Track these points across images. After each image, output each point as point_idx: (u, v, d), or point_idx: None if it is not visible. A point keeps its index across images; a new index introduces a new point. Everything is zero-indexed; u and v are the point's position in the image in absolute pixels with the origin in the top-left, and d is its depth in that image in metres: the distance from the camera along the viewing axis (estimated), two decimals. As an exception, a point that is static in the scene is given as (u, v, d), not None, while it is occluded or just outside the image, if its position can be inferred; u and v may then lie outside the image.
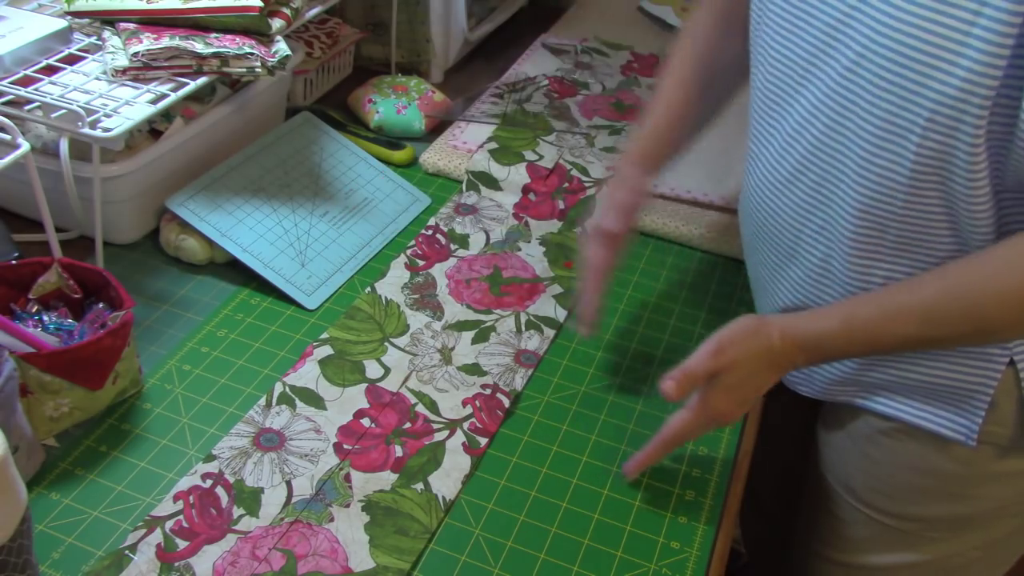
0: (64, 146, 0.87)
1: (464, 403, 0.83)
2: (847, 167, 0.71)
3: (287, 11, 0.99)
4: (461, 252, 1.02)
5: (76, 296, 0.80)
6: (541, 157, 1.14)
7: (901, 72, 0.64)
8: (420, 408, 0.82)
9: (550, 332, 0.93)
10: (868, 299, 0.73)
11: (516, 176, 1.11)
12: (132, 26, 0.91)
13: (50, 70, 0.89)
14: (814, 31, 0.70)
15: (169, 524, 0.70)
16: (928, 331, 0.69)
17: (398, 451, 0.78)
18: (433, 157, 1.15)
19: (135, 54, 0.86)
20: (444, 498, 0.75)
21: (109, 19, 0.93)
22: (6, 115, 0.79)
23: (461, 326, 0.92)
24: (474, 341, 0.90)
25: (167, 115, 0.96)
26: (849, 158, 0.70)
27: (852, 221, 0.73)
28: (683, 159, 0.92)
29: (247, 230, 0.96)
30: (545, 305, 0.96)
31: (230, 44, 0.90)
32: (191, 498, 0.72)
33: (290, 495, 0.73)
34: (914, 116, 0.65)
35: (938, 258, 0.71)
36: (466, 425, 0.81)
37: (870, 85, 0.66)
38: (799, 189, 0.76)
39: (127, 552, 0.68)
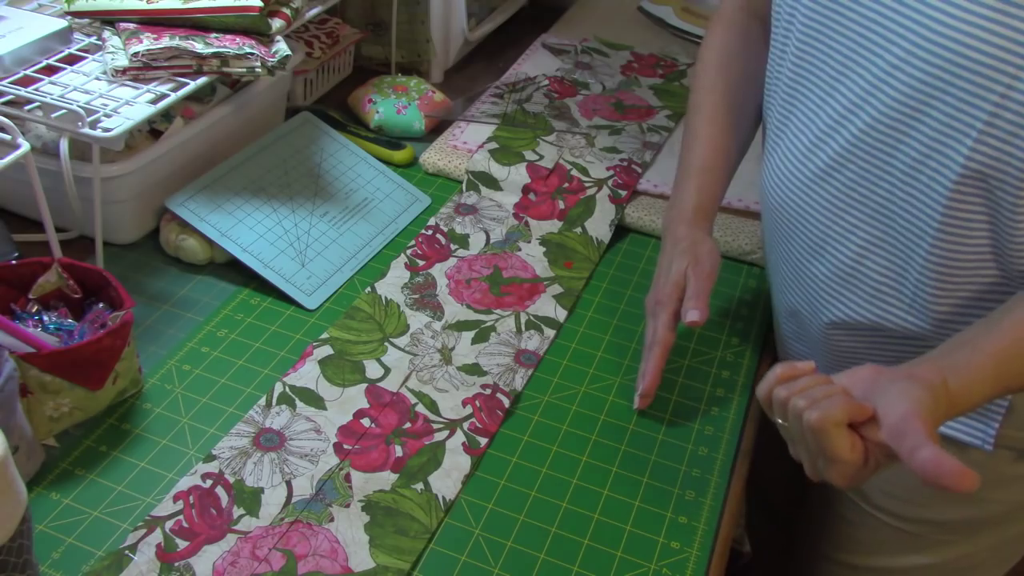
0: (64, 146, 0.87)
1: (464, 403, 0.83)
2: (894, 167, 0.69)
3: (287, 11, 0.99)
4: (461, 252, 1.02)
5: (76, 296, 0.80)
6: (541, 157, 1.14)
7: (959, 73, 0.62)
8: (420, 408, 0.82)
9: (550, 332, 0.93)
10: (1011, 352, 0.63)
11: (516, 176, 1.11)
12: (132, 26, 0.91)
13: (50, 70, 0.89)
14: (851, 26, 0.69)
15: (169, 524, 0.70)
16: None
17: (398, 451, 0.78)
18: (433, 157, 1.15)
19: (135, 54, 0.86)
20: (444, 498, 0.75)
21: (109, 19, 0.93)
22: (6, 115, 0.79)
23: (461, 326, 0.92)
24: (474, 341, 0.90)
25: (167, 115, 0.96)
26: (896, 158, 0.69)
27: (895, 223, 0.71)
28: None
29: (247, 230, 0.96)
30: (545, 305, 0.96)
31: (230, 44, 0.90)
32: (191, 498, 0.72)
33: (290, 495, 0.73)
34: (971, 120, 0.63)
35: (975, 269, 0.70)
36: (466, 425, 0.81)
37: (922, 84, 0.64)
38: (832, 186, 0.74)
39: (127, 552, 0.68)
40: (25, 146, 0.77)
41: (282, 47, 0.95)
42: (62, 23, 0.92)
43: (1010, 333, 0.63)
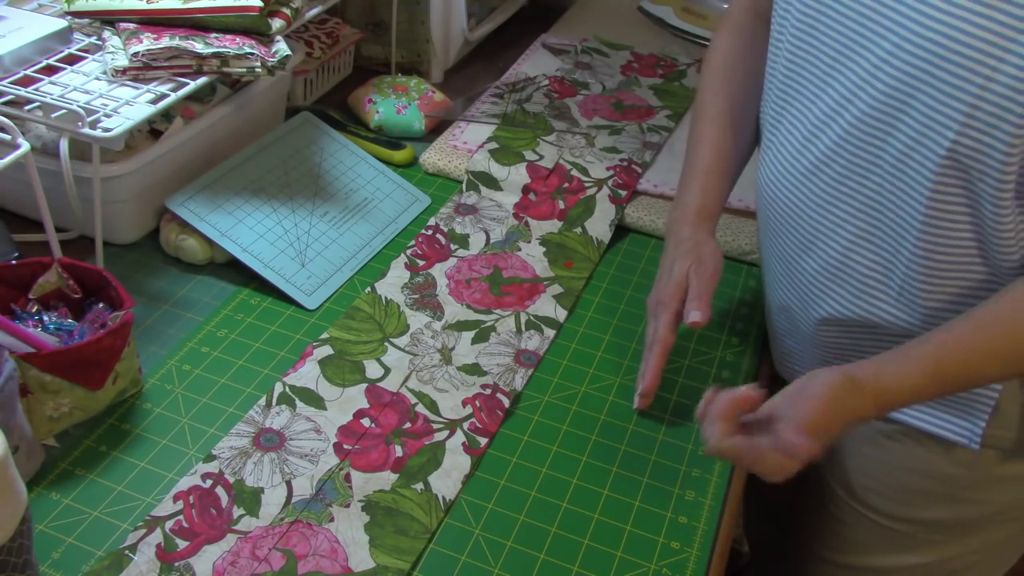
0: (64, 146, 0.87)
1: (464, 403, 0.83)
2: (883, 159, 0.70)
3: (287, 11, 0.99)
4: (461, 252, 1.02)
5: (76, 296, 0.80)
6: (541, 157, 1.14)
7: (942, 66, 0.63)
8: (420, 408, 0.82)
9: (550, 332, 0.93)
10: (951, 345, 0.67)
11: (516, 176, 1.11)
12: (132, 26, 0.91)
13: (50, 70, 0.89)
14: (843, 21, 0.70)
15: (169, 524, 0.70)
16: (1009, 370, 0.68)
17: (398, 451, 0.78)
18: (433, 157, 1.15)
19: (135, 54, 0.86)
20: (444, 498, 0.75)
21: (109, 19, 0.93)
22: (6, 115, 0.79)
23: (461, 326, 0.92)
24: (474, 341, 0.90)
25: (167, 115, 0.96)
26: (885, 151, 0.69)
27: (883, 216, 0.72)
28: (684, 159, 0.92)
29: (247, 230, 0.96)
30: (545, 305, 0.96)
31: (230, 44, 0.90)
32: (191, 498, 0.72)
33: (290, 495, 0.73)
34: (952, 112, 0.64)
35: (961, 264, 0.71)
36: (466, 425, 0.81)
37: (908, 77, 0.65)
38: (822, 180, 0.75)
39: (127, 552, 0.68)
40: (25, 146, 0.77)
41: (282, 47, 0.95)
42: (62, 23, 0.92)
43: (959, 328, 0.67)
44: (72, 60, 0.91)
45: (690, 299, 0.81)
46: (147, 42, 0.87)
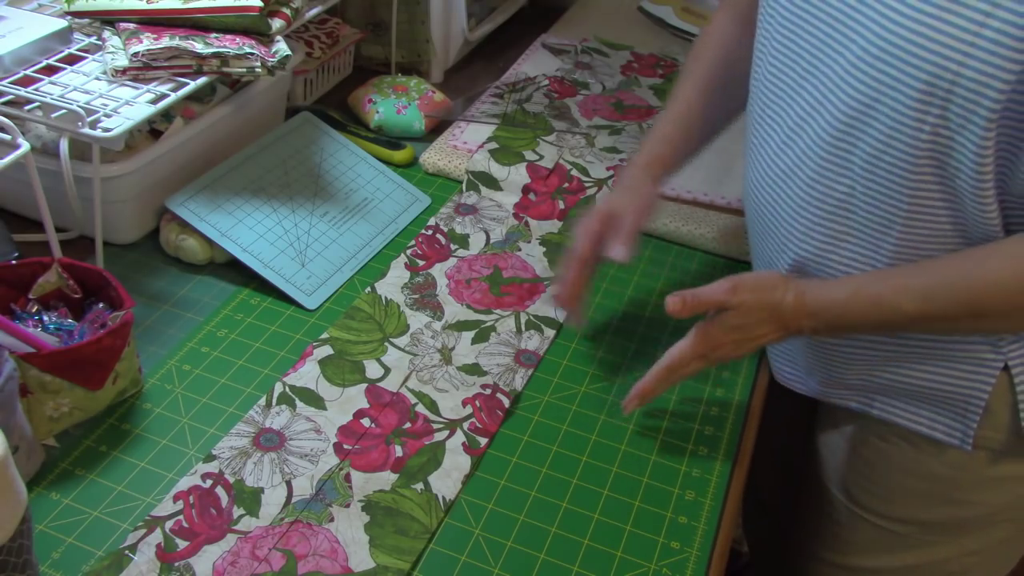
0: (64, 146, 0.87)
1: (464, 403, 0.83)
2: (853, 163, 0.70)
3: (287, 11, 0.99)
4: (461, 252, 1.02)
5: (76, 296, 0.80)
6: (541, 157, 1.14)
7: (908, 71, 0.64)
8: (420, 408, 0.82)
9: (550, 332, 0.93)
10: (877, 275, 0.73)
11: (516, 176, 1.11)
12: (132, 26, 0.91)
13: (50, 70, 0.89)
14: (818, 25, 0.70)
15: (169, 524, 0.70)
16: (926, 309, 0.69)
17: (398, 451, 0.78)
18: (433, 157, 1.16)
19: (135, 54, 0.86)
20: (444, 498, 0.75)
21: (109, 19, 0.93)
22: (6, 115, 0.79)
23: (461, 326, 0.92)
24: (474, 341, 0.90)
25: (167, 115, 0.96)
26: (855, 155, 0.70)
27: (858, 217, 0.72)
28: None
29: (247, 230, 0.96)
30: (545, 305, 0.96)
31: (230, 44, 0.90)
32: (191, 498, 0.72)
33: (290, 495, 0.73)
34: (923, 116, 0.64)
35: (939, 248, 0.71)
36: (466, 425, 0.81)
37: (875, 83, 0.66)
38: (795, 183, 0.76)
39: (127, 552, 0.68)
40: (25, 146, 0.77)
41: (282, 47, 0.95)
42: (62, 23, 0.92)
43: (874, 272, 0.74)
44: (72, 60, 0.91)
45: (615, 234, 0.82)
46: (147, 42, 0.87)
